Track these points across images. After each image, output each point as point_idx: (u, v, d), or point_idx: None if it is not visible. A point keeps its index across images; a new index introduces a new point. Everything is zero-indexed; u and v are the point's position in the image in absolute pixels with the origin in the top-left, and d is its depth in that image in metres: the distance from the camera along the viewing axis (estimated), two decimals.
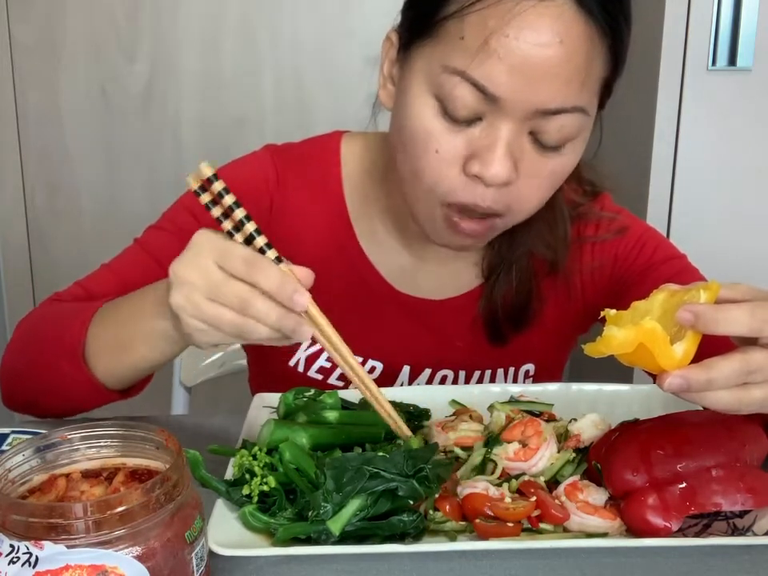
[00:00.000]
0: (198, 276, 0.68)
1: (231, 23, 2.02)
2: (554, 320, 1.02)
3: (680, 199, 1.65)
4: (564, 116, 0.79)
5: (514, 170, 0.80)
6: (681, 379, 0.64)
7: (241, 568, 0.66)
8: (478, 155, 0.80)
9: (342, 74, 2.00)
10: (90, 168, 2.11)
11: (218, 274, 0.68)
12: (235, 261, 0.67)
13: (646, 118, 1.63)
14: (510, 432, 0.77)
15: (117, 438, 0.61)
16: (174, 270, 0.70)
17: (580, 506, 0.70)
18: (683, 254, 1.02)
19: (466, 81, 0.77)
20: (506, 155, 0.79)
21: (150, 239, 0.98)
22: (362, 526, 0.68)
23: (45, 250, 2.17)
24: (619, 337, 0.63)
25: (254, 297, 0.67)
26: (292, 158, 1.01)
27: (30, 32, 2.02)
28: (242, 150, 1.04)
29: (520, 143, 0.80)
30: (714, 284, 0.66)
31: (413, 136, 0.82)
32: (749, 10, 1.53)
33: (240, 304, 0.67)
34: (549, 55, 0.75)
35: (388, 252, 1.00)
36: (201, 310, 0.69)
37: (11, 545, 0.52)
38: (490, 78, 0.76)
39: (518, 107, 0.77)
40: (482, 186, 0.81)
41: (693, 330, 0.64)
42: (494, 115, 0.78)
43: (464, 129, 0.80)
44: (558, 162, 0.83)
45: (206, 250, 0.69)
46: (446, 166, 0.81)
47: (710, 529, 0.70)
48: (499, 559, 0.67)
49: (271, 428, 0.75)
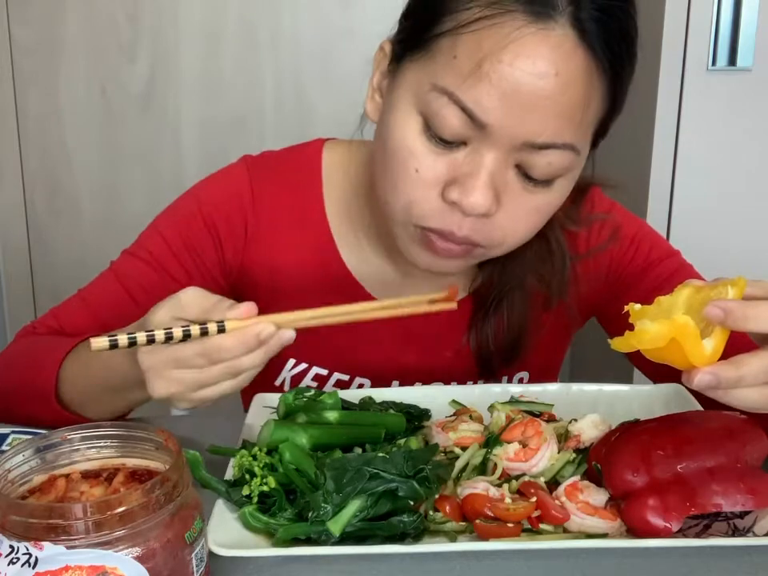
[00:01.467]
0: (173, 387, 0.70)
1: (231, 23, 2.02)
2: (549, 331, 1.00)
3: (680, 199, 1.65)
4: (553, 152, 0.75)
5: (494, 202, 0.77)
6: (711, 376, 0.63)
7: (241, 568, 0.66)
8: (458, 181, 0.77)
9: (341, 74, 2.00)
10: (90, 168, 2.11)
11: (190, 375, 0.69)
12: (192, 360, 0.68)
13: (646, 118, 1.63)
14: (510, 432, 0.77)
15: (116, 439, 0.61)
16: (153, 393, 0.71)
17: (580, 506, 0.70)
18: (677, 251, 1.00)
19: (454, 103, 0.74)
20: (487, 185, 0.76)
21: (124, 267, 0.97)
22: (361, 526, 0.68)
23: (45, 250, 2.17)
24: (652, 331, 0.63)
25: (231, 367, 0.69)
26: (269, 172, 0.98)
27: (30, 32, 2.02)
28: (242, 151, 1.04)
29: (504, 175, 0.77)
30: (740, 280, 0.66)
31: (394, 152, 0.79)
32: (749, 9, 1.53)
33: (226, 377, 0.70)
34: (543, 86, 0.72)
35: (373, 267, 0.98)
36: (192, 402, 0.72)
37: (11, 545, 0.51)
38: (479, 103, 0.73)
39: (506, 136, 0.74)
40: (459, 213, 0.78)
41: (722, 326, 0.64)
42: (480, 142, 0.75)
43: (447, 152, 0.77)
44: (543, 199, 0.80)
45: (161, 366, 0.70)
46: (424, 188, 0.78)
47: (710, 529, 0.70)
48: (499, 560, 0.67)
49: (271, 428, 0.75)
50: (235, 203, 0.96)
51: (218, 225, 0.96)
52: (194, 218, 0.96)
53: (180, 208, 0.98)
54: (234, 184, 0.97)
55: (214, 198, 0.96)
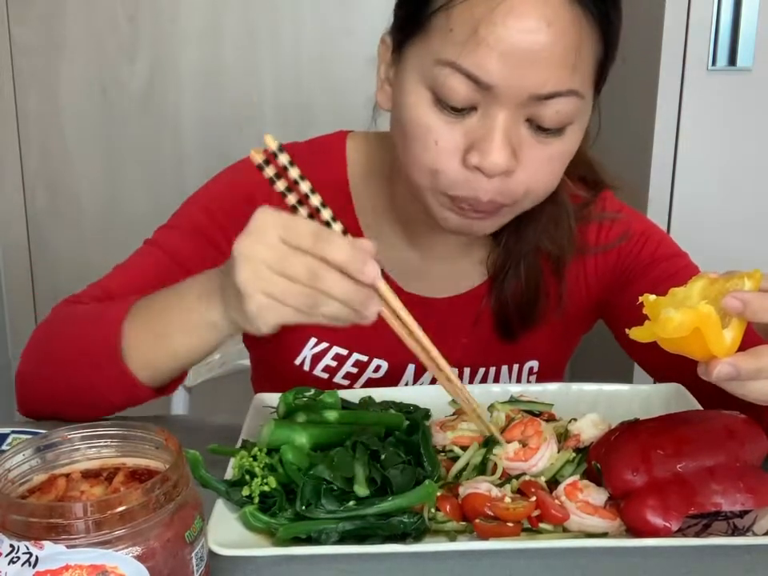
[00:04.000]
0: (264, 251, 0.68)
1: (231, 23, 2.02)
2: (560, 318, 1.02)
3: (680, 199, 1.65)
4: (559, 100, 0.79)
5: (512, 158, 0.80)
6: (731, 367, 0.64)
7: (241, 568, 0.66)
8: (476, 146, 0.80)
9: (341, 74, 2.00)
10: (90, 168, 2.11)
11: (285, 248, 0.67)
12: (302, 234, 0.67)
13: (646, 118, 1.63)
14: (510, 432, 0.77)
15: (117, 438, 0.61)
16: (239, 248, 0.69)
17: (580, 505, 0.70)
18: (685, 252, 1.02)
19: (457, 71, 0.77)
20: (503, 143, 0.79)
21: (163, 238, 0.98)
22: (362, 525, 0.68)
23: (45, 250, 2.17)
24: (677, 320, 0.62)
25: (323, 269, 0.66)
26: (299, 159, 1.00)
27: (30, 32, 2.02)
28: (242, 150, 1.03)
29: (517, 131, 0.80)
30: (757, 273, 0.66)
31: (412, 129, 0.82)
32: (749, 9, 1.53)
33: (309, 277, 0.67)
34: (537, 40, 0.76)
35: (395, 251, 1.00)
36: (270, 284, 0.68)
37: (11, 545, 0.52)
38: (480, 67, 0.76)
39: (512, 94, 0.77)
40: (483, 178, 0.81)
41: (740, 317, 0.64)
42: (489, 104, 0.79)
43: (461, 120, 0.80)
44: (557, 147, 0.83)
45: (269, 226, 0.68)
46: (446, 158, 0.81)
47: (709, 529, 0.70)
48: (499, 559, 0.67)
49: (271, 428, 0.75)
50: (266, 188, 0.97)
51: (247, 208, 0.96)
52: (234, 193, 0.97)
53: (218, 185, 1.01)
54: None
55: (246, 182, 0.97)
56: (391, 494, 0.70)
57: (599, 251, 1.01)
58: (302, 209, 0.69)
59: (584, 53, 0.79)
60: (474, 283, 1.02)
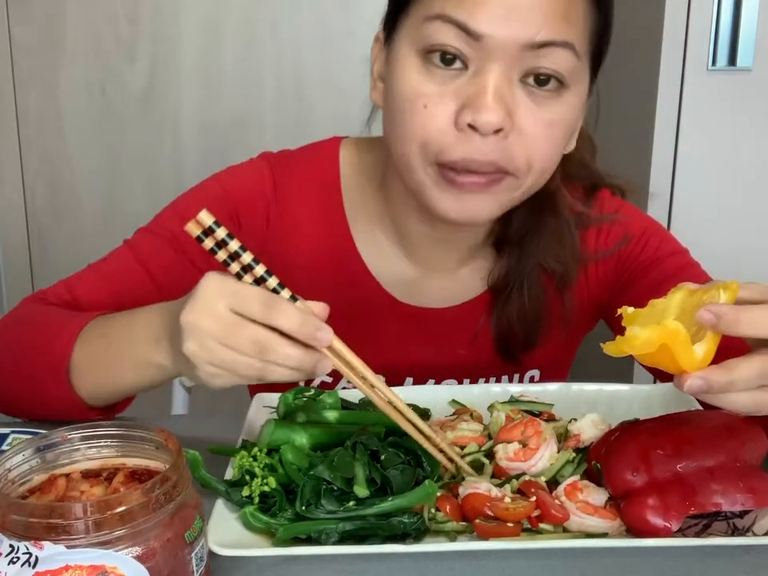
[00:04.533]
0: (211, 323, 0.65)
1: (231, 23, 2.02)
2: (560, 327, 1.01)
3: (680, 199, 1.65)
4: (553, 50, 0.77)
5: (507, 117, 0.77)
6: (701, 381, 0.63)
7: (241, 568, 0.66)
8: (467, 104, 0.77)
9: (342, 74, 2.00)
10: (90, 168, 2.11)
11: (233, 319, 0.65)
12: (251, 303, 0.65)
13: (646, 118, 1.63)
14: (510, 432, 0.77)
15: (116, 438, 0.61)
16: (186, 318, 0.66)
17: (580, 506, 0.70)
18: (686, 249, 1.01)
19: (446, 22, 0.76)
20: (496, 99, 0.77)
21: (141, 243, 0.96)
22: (362, 525, 0.68)
23: (45, 249, 2.17)
24: (642, 337, 0.62)
25: (273, 340, 0.65)
26: (290, 169, 0.99)
27: (30, 32, 2.02)
28: (242, 150, 1.04)
29: (512, 90, 0.78)
30: (733, 284, 0.66)
31: (401, 98, 0.80)
32: (749, 9, 1.53)
33: (258, 350, 0.65)
34: None
35: (389, 262, 0.99)
36: (217, 356, 0.66)
37: (11, 545, 0.52)
38: (470, 15, 0.75)
39: (504, 45, 0.76)
40: (477, 137, 0.78)
41: (714, 330, 0.64)
42: (481, 59, 0.77)
43: (451, 80, 0.78)
44: (555, 112, 0.80)
45: (216, 293, 0.66)
46: (437, 121, 0.79)
47: (709, 529, 0.70)
48: (499, 559, 0.67)
49: (271, 428, 0.75)
50: (259, 196, 0.97)
51: (240, 214, 0.96)
52: (218, 204, 0.95)
53: (204, 191, 0.99)
54: (258, 178, 0.98)
55: (239, 188, 0.97)
56: (391, 494, 0.70)
57: (600, 257, 0.99)
58: (247, 276, 0.66)
59: (577, 8, 0.78)
60: (472, 294, 1.00)
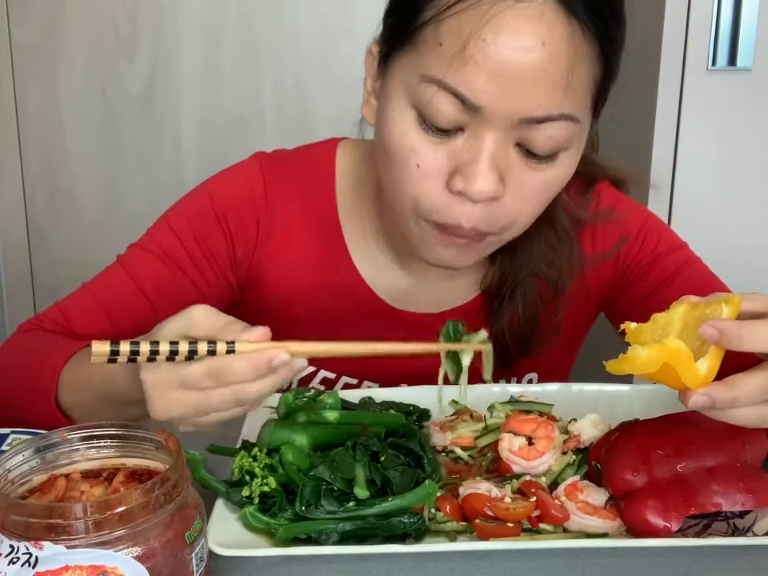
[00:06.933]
0: (178, 409, 0.65)
1: (231, 23, 2.01)
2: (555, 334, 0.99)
3: (680, 199, 1.65)
4: (551, 124, 0.74)
5: (500, 184, 0.75)
6: (705, 397, 0.63)
7: (241, 568, 0.66)
8: (461, 170, 0.75)
9: (341, 74, 2.00)
10: (90, 168, 2.11)
11: (195, 398, 0.64)
12: (199, 382, 0.63)
13: (646, 118, 1.63)
14: (521, 424, 0.77)
15: (116, 439, 0.61)
16: (153, 415, 0.66)
17: (580, 506, 0.70)
18: (684, 243, 1.00)
19: (443, 90, 0.73)
20: (490, 168, 0.74)
21: (134, 261, 0.95)
22: (362, 526, 0.68)
23: (45, 250, 2.17)
24: (643, 357, 0.62)
25: (239, 390, 0.63)
26: (283, 171, 0.97)
27: (30, 32, 2.02)
28: (242, 150, 1.04)
29: (506, 155, 0.75)
30: (735, 297, 0.65)
31: (394, 150, 0.78)
32: (749, 9, 1.53)
33: (234, 400, 0.64)
34: (530, 59, 0.71)
35: (383, 270, 0.97)
36: (197, 425, 0.67)
37: (11, 545, 0.52)
38: (468, 86, 0.72)
39: (501, 116, 0.73)
40: (467, 203, 0.76)
41: (717, 346, 0.63)
42: (477, 125, 0.74)
43: (446, 141, 0.75)
44: (549, 175, 0.78)
45: (164, 387, 0.64)
46: (428, 182, 0.77)
47: (710, 529, 0.70)
48: (499, 559, 0.67)
49: (271, 428, 0.75)
50: (248, 201, 0.96)
51: (229, 221, 0.95)
52: (206, 213, 0.95)
53: (192, 203, 0.97)
54: (248, 181, 0.96)
55: (226, 194, 0.96)
56: (391, 494, 0.70)
57: (598, 260, 0.98)
58: (179, 357, 0.63)
59: (581, 74, 0.74)
60: (466, 298, 0.99)
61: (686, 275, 0.95)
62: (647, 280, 0.96)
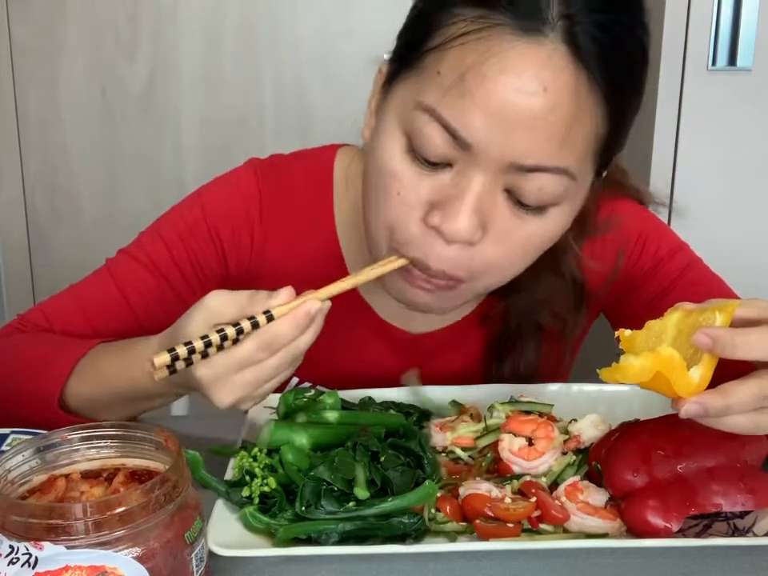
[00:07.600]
0: (239, 392, 0.69)
1: (231, 23, 2.01)
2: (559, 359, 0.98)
3: (680, 199, 1.65)
4: (543, 176, 0.70)
5: (479, 229, 0.72)
6: (698, 406, 0.63)
7: (241, 568, 0.66)
8: (441, 205, 0.72)
9: (341, 74, 2.00)
10: (90, 168, 2.11)
11: (253, 373, 0.68)
12: (254, 356, 0.67)
13: (645, 118, 1.63)
14: (521, 425, 0.77)
15: (116, 439, 0.61)
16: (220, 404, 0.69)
17: (580, 506, 0.70)
18: (685, 244, 0.98)
19: (435, 120, 0.69)
20: (472, 210, 0.70)
21: (121, 269, 0.93)
22: (362, 526, 0.68)
23: (45, 250, 2.16)
24: (636, 366, 0.62)
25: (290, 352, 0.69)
26: (279, 181, 0.94)
27: (30, 32, 2.02)
28: (242, 150, 1.03)
29: (493, 200, 0.71)
30: (729, 305, 0.65)
31: (378, 174, 0.75)
32: (749, 9, 1.53)
33: (287, 365, 0.70)
34: (529, 104, 0.67)
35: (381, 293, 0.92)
36: (258, 398, 0.71)
37: (11, 545, 0.51)
38: (461, 120, 0.68)
39: (491, 158, 0.69)
40: (441, 241, 0.72)
41: (710, 353, 0.63)
42: (465, 164, 0.70)
43: (432, 174, 0.72)
44: (534, 229, 0.74)
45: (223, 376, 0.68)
46: (406, 211, 0.73)
47: (710, 529, 0.70)
48: (499, 560, 0.67)
49: (271, 428, 0.75)
50: (242, 212, 0.93)
51: (222, 236, 0.93)
52: (198, 226, 0.93)
53: (184, 214, 0.95)
54: (242, 191, 0.94)
55: (220, 206, 0.93)
56: (391, 495, 0.70)
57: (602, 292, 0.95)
58: (228, 342, 0.67)
59: (582, 130, 0.70)
60: (463, 313, 0.97)
61: (689, 279, 0.94)
62: (650, 286, 0.95)
